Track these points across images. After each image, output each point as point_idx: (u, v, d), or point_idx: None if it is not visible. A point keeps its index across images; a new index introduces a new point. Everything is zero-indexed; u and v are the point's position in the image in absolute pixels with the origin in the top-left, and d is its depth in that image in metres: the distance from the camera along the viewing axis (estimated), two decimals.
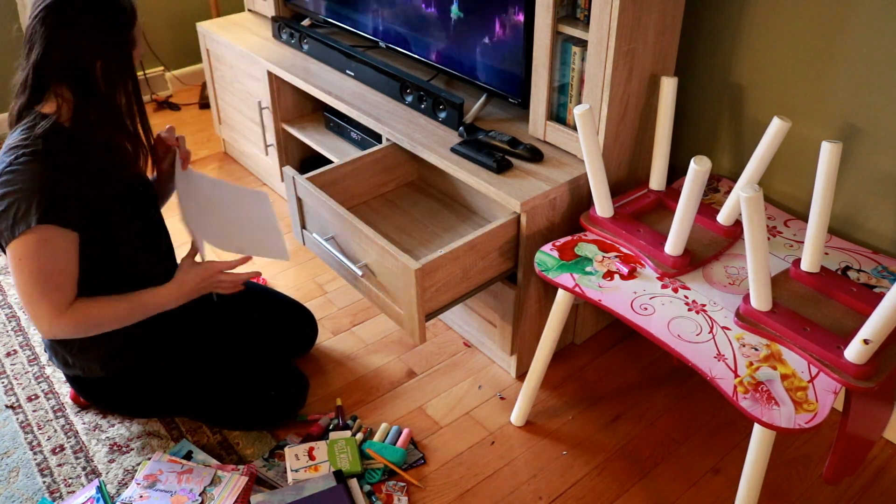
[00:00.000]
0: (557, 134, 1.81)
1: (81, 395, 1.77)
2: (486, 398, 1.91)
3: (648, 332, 1.41)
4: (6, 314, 2.19)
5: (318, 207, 1.81)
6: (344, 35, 2.44)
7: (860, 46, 1.58)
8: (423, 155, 1.86)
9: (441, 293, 1.66)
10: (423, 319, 1.64)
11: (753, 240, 1.27)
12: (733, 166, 1.92)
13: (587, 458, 1.75)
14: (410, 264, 1.55)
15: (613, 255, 1.60)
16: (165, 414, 1.83)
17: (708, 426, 1.83)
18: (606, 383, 1.96)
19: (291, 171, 1.87)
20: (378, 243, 1.62)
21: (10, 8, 2.99)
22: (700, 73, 1.90)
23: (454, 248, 1.62)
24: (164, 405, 1.79)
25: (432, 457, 1.76)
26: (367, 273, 1.73)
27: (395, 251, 1.59)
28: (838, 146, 1.37)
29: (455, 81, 2.17)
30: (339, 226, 1.75)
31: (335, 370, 2.00)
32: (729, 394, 1.28)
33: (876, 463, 1.72)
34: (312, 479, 1.64)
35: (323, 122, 2.51)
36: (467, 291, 1.73)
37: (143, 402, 1.78)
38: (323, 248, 1.84)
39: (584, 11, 1.64)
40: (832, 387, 1.27)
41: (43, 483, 1.69)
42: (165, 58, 3.47)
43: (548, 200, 1.71)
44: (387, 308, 1.72)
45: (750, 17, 1.75)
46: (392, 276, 1.64)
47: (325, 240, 1.83)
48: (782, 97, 1.75)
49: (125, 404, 1.80)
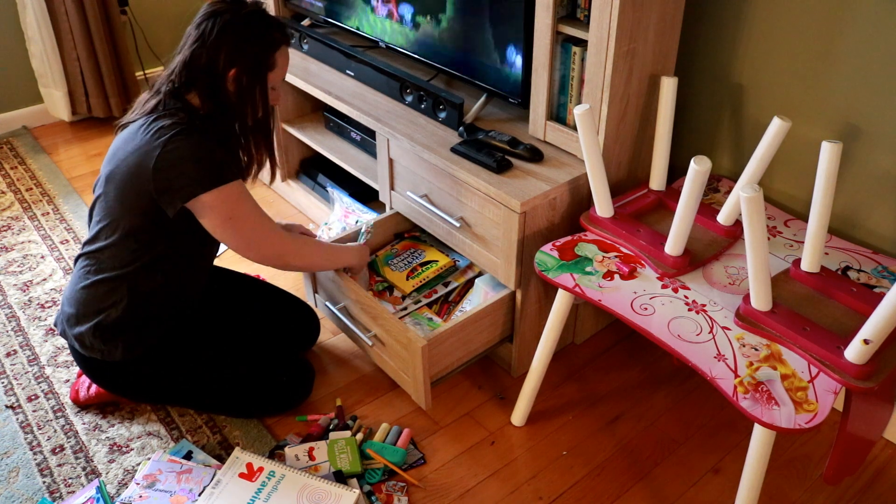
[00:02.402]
0: (557, 134, 1.81)
1: (92, 378, 1.78)
2: (486, 398, 1.91)
3: (648, 332, 1.41)
4: (6, 314, 2.19)
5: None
6: (344, 35, 2.44)
7: (860, 46, 1.58)
8: (423, 155, 1.86)
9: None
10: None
11: (753, 240, 1.27)
12: (733, 166, 1.92)
13: (587, 458, 1.75)
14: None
15: (613, 255, 1.60)
16: (173, 401, 1.84)
17: (708, 426, 1.83)
18: (606, 383, 1.96)
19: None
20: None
21: (10, 8, 2.99)
22: (700, 73, 1.90)
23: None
24: (174, 392, 1.80)
25: (432, 457, 1.76)
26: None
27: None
28: (838, 146, 1.37)
29: (455, 81, 2.17)
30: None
31: (336, 370, 2.00)
32: (729, 394, 1.28)
33: (876, 463, 1.72)
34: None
35: (323, 122, 2.51)
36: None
37: (155, 387, 1.79)
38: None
39: (584, 11, 1.64)
40: (832, 387, 1.27)
41: (43, 483, 1.69)
42: (165, 58, 3.46)
43: (548, 200, 1.71)
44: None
45: (750, 17, 1.75)
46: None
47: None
48: (782, 97, 1.75)
49: (134, 388, 1.79)
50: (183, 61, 1.58)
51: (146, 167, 1.52)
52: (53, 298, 2.24)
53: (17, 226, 2.59)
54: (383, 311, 1.76)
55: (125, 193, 1.58)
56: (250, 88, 1.61)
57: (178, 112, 1.57)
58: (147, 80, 3.42)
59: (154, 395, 1.82)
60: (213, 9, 1.58)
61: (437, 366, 1.74)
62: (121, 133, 1.64)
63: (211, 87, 1.59)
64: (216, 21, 1.56)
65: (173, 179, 1.52)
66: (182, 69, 1.58)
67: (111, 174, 1.61)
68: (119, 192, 1.59)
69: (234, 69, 1.57)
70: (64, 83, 3.10)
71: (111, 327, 1.66)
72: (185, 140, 1.53)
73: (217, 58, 1.56)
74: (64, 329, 1.74)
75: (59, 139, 3.17)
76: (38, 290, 2.28)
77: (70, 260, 2.40)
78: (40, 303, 2.23)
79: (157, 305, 1.69)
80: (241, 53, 1.57)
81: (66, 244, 2.49)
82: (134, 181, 1.56)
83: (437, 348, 1.71)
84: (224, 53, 1.56)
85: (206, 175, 1.53)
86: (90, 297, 1.67)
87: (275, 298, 2.01)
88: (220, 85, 1.59)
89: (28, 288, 2.29)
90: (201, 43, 1.56)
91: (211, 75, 1.58)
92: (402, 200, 2.03)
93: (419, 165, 1.91)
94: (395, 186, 2.05)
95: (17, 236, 2.54)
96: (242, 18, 1.57)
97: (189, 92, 1.61)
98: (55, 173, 2.90)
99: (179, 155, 1.52)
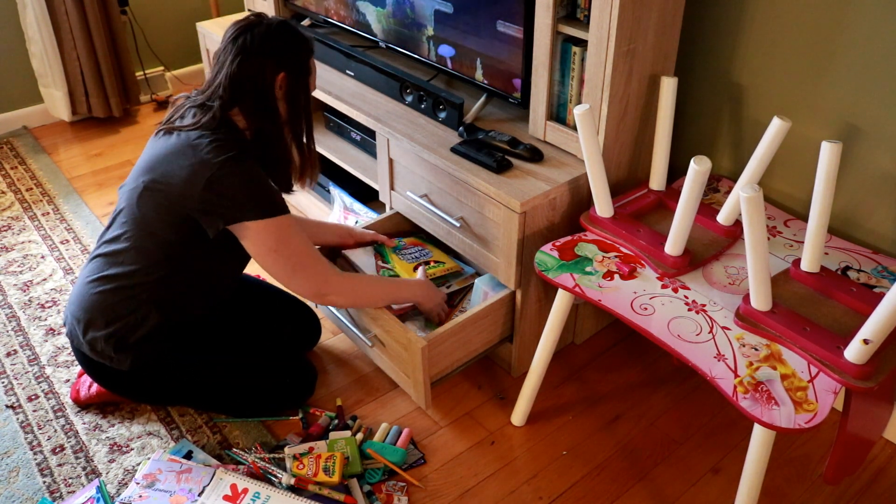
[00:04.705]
0: (557, 134, 1.81)
1: (95, 379, 1.77)
2: (486, 398, 1.91)
3: (648, 332, 1.41)
4: (6, 314, 2.19)
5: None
6: (344, 35, 2.44)
7: (860, 46, 1.58)
8: (423, 155, 1.86)
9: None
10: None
11: (753, 240, 1.27)
12: (733, 166, 1.92)
13: (587, 458, 1.75)
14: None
15: (613, 255, 1.60)
16: (176, 402, 1.84)
17: (708, 426, 1.83)
18: (606, 383, 1.96)
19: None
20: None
21: (10, 8, 2.99)
22: (700, 73, 1.90)
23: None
24: (179, 393, 1.80)
25: (432, 457, 1.76)
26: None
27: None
28: (838, 146, 1.37)
29: (455, 81, 2.17)
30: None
31: (336, 370, 2.00)
32: (729, 394, 1.28)
33: (876, 463, 1.72)
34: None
35: (323, 122, 2.51)
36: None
37: (159, 390, 1.78)
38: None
39: (584, 11, 1.64)
40: (832, 387, 1.27)
41: (43, 483, 1.69)
42: (165, 58, 3.47)
43: (548, 200, 1.71)
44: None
45: (750, 17, 1.75)
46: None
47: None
48: (782, 97, 1.75)
49: (138, 391, 1.79)
50: (229, 75, 1.57)
51: (195, 185, 1.52)
52: (53, 298, 2.24)
53: (17, 226, 2.59)
54: (383, 311, 1.76)
55: (165, 206, 1.57)
56: (299, 91, 1.64)
57: (230, 133, 1.58)
58: (147, 81, 3.42)
59: (158, 397, 1.83)
60: (245, 24, 1.60)
61: (437, 366, 1.74)
62: (163, 139, 1.62)
63: (261, 97, 1.59)
64: (254, 32, 1.57)
65: (222, 203, 1.53)
66: (229, 84, 1.58)
67: (153, 182, 1.59)
68: (158, 203, 1.58)
69: (283, 73, 1.59)
70: (64, 83, 3.10)
71: (128, 339, 1.65)
72: (240, 165, 1.53)
73: (265, 65, 1.57)
74: (73, 331, 1.70)
75: (60, 139, 3.17)
76: (38, 290, 2.28)
77: (70, 260, 2.40)
78: (40, 303, 2.23)
79: (179, 320, 1.69)
80: (287, 58, 1.60)
81: (67, 244, 2.49)
82: (178, 197, 1.55)
83: (437, 348, 1.71)
84: (272, 60, 1.58)
85: (258, 203, 1.55)
86: (106, 304, 1.64)
87: (275, 300, 2.00)
88: (269, 94, 1.60)
89: (28, 288, 2.29)
90: (245, 55, 1.56)
91: (261, 83, 1.58)
92: (402, 200, 2.03)
93: (419, 165, 1.91)
94: (395, 186, 2.05)
95: (18, 236, 2.54)
96: (278, 27, 1.60)
97: (233, 109, 1.60)
98: (55, 173, 2.90)
99: (232, 181, 1.52)
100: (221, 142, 1.55)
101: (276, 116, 1.63)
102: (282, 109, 1.64)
